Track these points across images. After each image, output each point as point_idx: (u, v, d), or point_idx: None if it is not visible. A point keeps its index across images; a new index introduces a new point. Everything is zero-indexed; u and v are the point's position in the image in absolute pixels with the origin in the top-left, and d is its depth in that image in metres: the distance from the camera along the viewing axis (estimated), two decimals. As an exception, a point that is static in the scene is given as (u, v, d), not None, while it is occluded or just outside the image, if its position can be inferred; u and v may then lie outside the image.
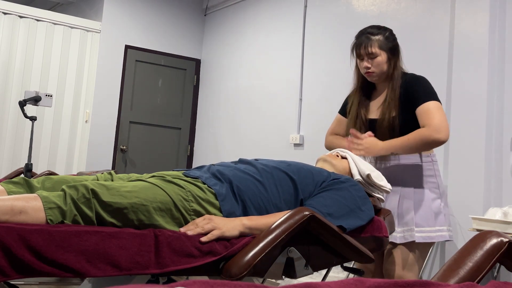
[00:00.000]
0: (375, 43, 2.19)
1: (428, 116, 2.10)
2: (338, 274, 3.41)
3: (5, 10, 5.05)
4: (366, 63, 2.21)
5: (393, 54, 2.22)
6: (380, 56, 2.19)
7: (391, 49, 2.21)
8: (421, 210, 2.16)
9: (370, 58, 2.20)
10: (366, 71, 2.23)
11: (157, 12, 5.74)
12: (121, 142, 5.55)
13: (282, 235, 1.52)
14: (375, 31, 2.22)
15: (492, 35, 3.15)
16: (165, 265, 1.41)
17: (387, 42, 2.21)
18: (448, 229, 2.19)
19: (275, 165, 1.84)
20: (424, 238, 2.14)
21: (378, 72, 2.21)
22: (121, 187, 1.50)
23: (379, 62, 2.20)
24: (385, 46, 2.20)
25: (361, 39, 2.22)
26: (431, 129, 2.08)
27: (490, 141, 3.11)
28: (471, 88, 3.19)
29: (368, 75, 2.24)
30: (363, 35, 2.23)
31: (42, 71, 5.16)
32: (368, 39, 2.20)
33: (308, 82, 4.52)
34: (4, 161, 4.97)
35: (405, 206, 2.18)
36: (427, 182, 2.20)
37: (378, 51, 2.19)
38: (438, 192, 2.20)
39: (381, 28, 2.25)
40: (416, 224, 2.14)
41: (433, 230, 2.15)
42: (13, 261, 1.26)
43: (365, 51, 2.19)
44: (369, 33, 2.22)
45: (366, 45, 2.19)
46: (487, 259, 1.01)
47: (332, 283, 0.82)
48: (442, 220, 2.17)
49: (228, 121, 5.42)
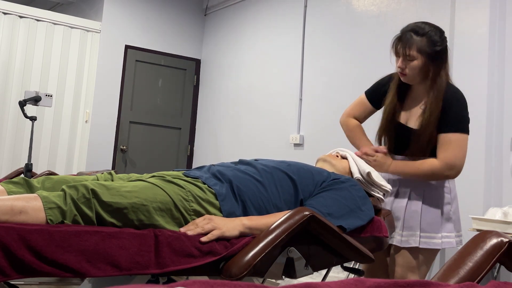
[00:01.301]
0: (414, 45, 2.00)
1: (446, 149, 2.03)
2: (338, 274, 3.41)
3: (5, 10, 5.05)
4: (401, 64, 2.05)
5: (433, 60, 2.03)
6: (417, 60, 2.02)
7: (432, 54, 2.02)
8: (428, 215, 2.10)
9: (406, 59, 2.04)
10: (399, 71, 2.09)
11: (157, 12, 5.74)
12: (121, 142, 5.55)
13: (282, 235, 1.52)
14: (421, 31, 2.02)
15: (492, 35, 3.15)
16: (165, 265, 1.41)
17: (429, 46, 2.01)
18: (456, 235, 2.13)
19: (275, 165, 1.84)
20: (428, 244, 2.09)
21: (411, 76, 2.07)
22: (121, 187, 1.50)
23: (414, 66, 2.03)
24: (426, 50, 2.01)
25: (404, 36, 2.04)
26: (443, 164, 2.02)
27: (490, 141, 3.11)
28: (471, 88, 3.19)
29: (400, 75, 2.11)
30: (408, 32, 2.03)
31: (42, 71, 5.16)
32: (410, 38, 2.01)
33: (308, 82, 4.52)
34: (4, 161, 4.97)
35: (413, 210, 2.13)
36: (439, 186, 2.13)
37: (415, 54, 2.01)
38: (449, 197, 2.14)
39: (432, 28, 2.04)
40: (422, 230, 2.10)
41: (439, 236, 2.09)
42: (13, 261, 1.26)
43: (403, 51, 2.02)
44: (414, 32, 2.02)
45: (405, 45, 2.02)
46: (487, 259, 1.01)
47: (332, 283, 0.82)
48: (450, 227, 2.11)
49: (228, 121, 5.42)
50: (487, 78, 3.12)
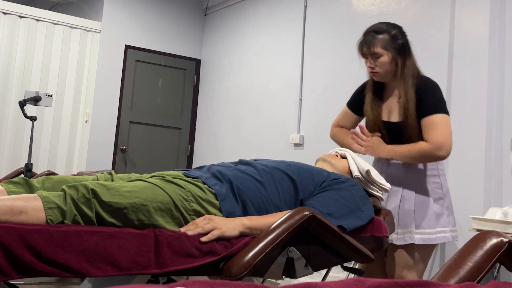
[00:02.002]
0: (378, 42, 2.12)
1: (432, 131, 2.07)
2: (338, 274, 3.41)
3: (5, 10, 5.05)
4: (369, 63, 2.16)
5: (400, 53, 2.13)
6: (384, 56, 2.12)
7: (397, 48, 2.12)
8: (422, 212, 2.14)
9: (373, 58, 2.14)
10: (370, 71, 2.19)
11: (157, 12, 5.74)
12: (121, 142, 5.55)
13: (282, 235, 1.52)
14: (381, 29, 2.14)
15: (492, 35, 3.15)
16: (165, 265, 1.41)
17: (392, 41, 2.12)
18: (451, 230, 2.16)
19: (275, 165, 1.84)
20: (424, 240, 2.11)
21: (382, 73, 2.15)
22: (121, 187, 1.50)
23: (383, 63, 2.13)
24: (390, 45, 2.12)
25: (366, 38, 2.16)
26: (432, 145, 2.06)
27: (490, 141, 3.11)
28: (471, 88, 3.19)
29: (372, 75, 2.20)
30: (369, 33, 2.16)
31: (42, 71, 5.16)
32: (373, 38, 2.13)
33: (308, 82, 4.52)
34: (4, 161, 4.97)
35: (406, 208, 2.16)
36: (430, 182, 2.17)
37: (381, 51, 2.12)
38: (441, 192, 2.17)
39: (390, 25, 2.17)
40: (416, 226, 2.12)
41: (434, 232, 2.12)
42: (13, 261, 1.26)
43: (368, 50, 2.14)
44: (375, 31, 2.15)
45: (369, 45, 2.13)
46: (487, 259, 1.01)
47: (332, 283, 0.82)
48: (444, 221, 2.14)
49: (228, 121, 5.42)
50: (487, 78, 3.12)
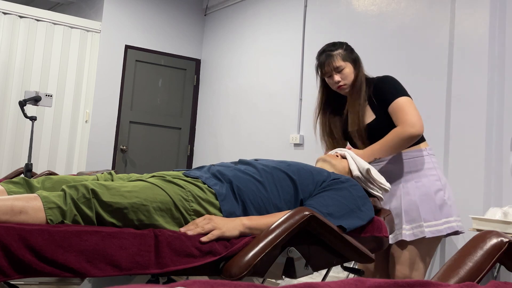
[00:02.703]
0: (337, 57, 2.25)
1: (400, 113, 2.16)
2: (338, 274, 3.41)
3: (5, 10, 5.05)
4: (336, 77, 2.25)
5: (355, 63, 2.28)
6: (347, 68, 2.25)
7: (353, 59, 2.27)
8: (425, 204, 2.15)
9: (337, 72, 2.25)
10: (337, 86, 2.27)
11: (157, 12, 5.74)
12: (121, 142, 5.55)
13: (282, 235, 1.52)
14: (333, 48, 2.28)
15: (492, 35, 3.15)
16: (165, 265, 1.41)
17: (347, 53, 2.27)
18: (455, 219, 2.17)
19: (275, 165, 1.84)
20: (432, 233, 2.13)
21: (348, 83, 2.26)
22: (121, 187, 1.50)
23: (347, 74, 2.25)
24: (347, 57, 2.26)
25: (323, 58, 2.28)
26: (405, 125, 2.13)
27: (490, 141, 3.11)
28: (471, 88, 3.19)
29: (340, 89, 2.29)
30: (323, 53, 2.29)
31: (42, 71, 5.16)
32: (330, 56, 2.26)
33: (308, 82, 4.52)
34: (4, 161, 4.97)
35: (410, 203, 2.17)
36: (428, 175, 2.19)
37: (342, 63, 2.24)
38: (440, 184, 2.19)
39: (337, 43, 2.32)
40: (424, 220, 2.14)
41: (440, 223, 2.14)
42: (13, 261, 1.26)
43: (331, 66, 2.25)
44: (329, 51, 2.28)
45: (329, 62, 2.25)
46: (487, 259, 1.01)
47: (332, 283, 0.82)
48: (448, 212, 2.16)
49: (228, 121, 5.42)
50: (487, 78, 3.12)
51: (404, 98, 2.18)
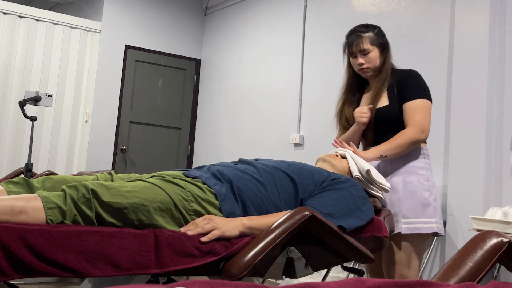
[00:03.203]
0: (366, 39, 2.26)
1: (414, 115, 2.17)
2: (338, 274, 3.41)
3: (5, 10, 5.05)
4: (360, 60, 2.27)
5: (383, 49, 2.28)
6: (373, 52, 2.26)
7: (381, 44, 2.28)
8: (409, 201, 2.16)
9: (363, 54, 2.26)
10: (360, 68, 2.29)
11: (157, 12, 5.74)
12: (121, 142, 5.55)
13: (282, 235, 1.52)
14: (364, 29, 2.29)
15: (492, 35, 3.15)
16: (165, 265, 1.41)
17: (377, 38, 2.28)
18: (436, 221, 2.18)
19: (275, 165, 1.84)
20: (410, 229, 2.13)
21: (372, 67, 2.27)
22: (121, 187, 1.50)
23: (372, 58, 2.26)
24: (376, 42, 2.27)
25: (352, 38, 2.29)
26: (416, 129, 2.15)
27: (490, 141, 3.10)
28: (471, 88, 3.19)
29: (362, 72, 2.30)
30: (354, 33, 2.30)
31: (42, 71, 5.16)
32: (359, 37, 2.26)
33: (308, 82, 4.52)
34: (4, 161, 4.97)
35: (394, 197, 2.19)
36: (417, 173, 2.21)
37: (370, 47, 2.25)
38: (428, 184, 2.21)
39: (370, 26, 2.32)
40: (403, 216, 2.14)
41: (420, 221, 2.15)
42: (13, 261, 1.26)
43: (358, 48, 2.26)
44: (359, 31, 2.29)
45: (358, 43, 2.26)
46: (487, 259, 1.01)
47: (332, 283, 0.82)
48: (431, 212, 2.17)
49: (228, 121, 5.42)
50: (487, 78, 3.12)
51: (424, 101, 2.20)
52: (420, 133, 2.15)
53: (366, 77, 2.33)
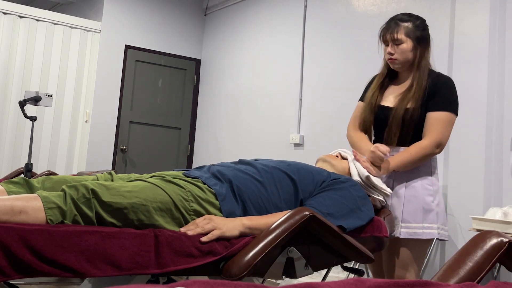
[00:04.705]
0: (402, 29, 2.14)
1: (435, 127, 2.09)
2: (338, 274, 3.41)
3: (5, 10, 5.05)
4: (390, 49, 2.17)
5: (419, 43, 2.16)
6: (405, 44, 2.15)
7: (418, 38, 2.15)
8: (410, 206, 2.12)
9: (394, 44, 2.16)
10: (389, 57, 2.19)
11: (157, 12, 5.74)
12: (121, 142, 5.55)
13: (282, 235, 1.52)
14: (405, 18, 2.18)
15: (492, 35, 3.15)
16: (165, 265, 1.41)
17: (415, 30, 2.15)
18: (438, 227, 2.12)
19: (275, 165, 1.84)
20: (409, 234, 2.09)
21: (401, 60, 2.17)
22: (121, 187, 1.50)
23: (403, 50, 2.15)
24: (413, 34, 2.14)
25: (390, 24, 2.19)
26: (431, 143, 2.08)
27: (490, 141, 3.11)
28: (471, 88, 3.19)
29: (390, 62, 2.20)
30: (393, 20, 2.19)
31: (42, 71, 5.16)
32: (396, 25, 2.16)
33: (308, 82, 4.52)
34: (4, 161, 4.97)
35: (395, 201, 2.15)
36: (422, 178, 2.15)
37: (404, 38, 2.14)
38: (432, 189, 2.15)
39: (413, 16, 2.20)
40: (403, 220, 2.11)
41: (420, 226, 2.10)
42: (13, 261, 1.26)
43: (391, 36, 2.16)
44: (399, 19, 2.18)
45: (392, 31, 2.16)
46: (487, 259, 1.01)
47: (332, 283, 0.82)
48: (433, 218, 2.11)
49: (228, 121, 5.42)
50: (487, 78, 3.12)
51: (449, 115, 2.11)
52: (434, 148, 2.08)
53: (394, 68, 2.22)
